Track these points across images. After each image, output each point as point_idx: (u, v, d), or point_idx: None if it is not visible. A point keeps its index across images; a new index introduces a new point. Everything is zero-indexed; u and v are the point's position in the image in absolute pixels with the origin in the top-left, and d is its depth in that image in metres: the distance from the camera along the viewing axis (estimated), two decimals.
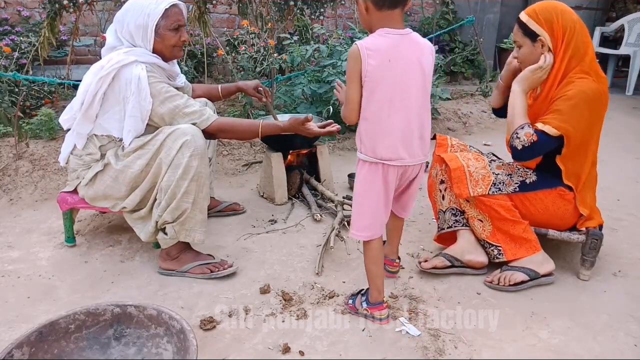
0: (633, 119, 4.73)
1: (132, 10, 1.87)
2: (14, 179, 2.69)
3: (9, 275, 1.94)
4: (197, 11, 3.81)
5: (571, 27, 1.76)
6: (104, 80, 1.82)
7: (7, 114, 3.04)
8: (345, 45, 3.87)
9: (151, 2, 1.86)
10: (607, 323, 1.71)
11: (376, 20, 1.49)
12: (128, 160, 1.87)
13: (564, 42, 1.77)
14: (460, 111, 4.52)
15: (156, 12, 1.85)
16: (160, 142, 1.82)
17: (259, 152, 3.37)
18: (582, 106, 1.73)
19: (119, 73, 1.82)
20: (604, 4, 6.39)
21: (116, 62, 1.81)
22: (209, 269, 1.94)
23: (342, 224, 2.33)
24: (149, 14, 1.85)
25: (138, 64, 1.83)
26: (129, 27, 1.87)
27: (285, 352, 1.53)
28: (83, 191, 1.98)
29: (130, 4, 1.89)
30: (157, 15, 1.85)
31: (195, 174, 1.81)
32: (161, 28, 1.88)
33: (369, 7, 1.49)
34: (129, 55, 1.83)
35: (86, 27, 4.50)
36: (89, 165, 1.96)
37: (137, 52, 1.87)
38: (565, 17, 1.77)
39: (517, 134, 1.78)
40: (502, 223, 1.90)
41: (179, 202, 1.83)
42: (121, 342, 1.44)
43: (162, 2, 1.87)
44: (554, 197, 1.89)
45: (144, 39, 1.88)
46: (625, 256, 2.17)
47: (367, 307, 1.68)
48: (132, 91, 1.81)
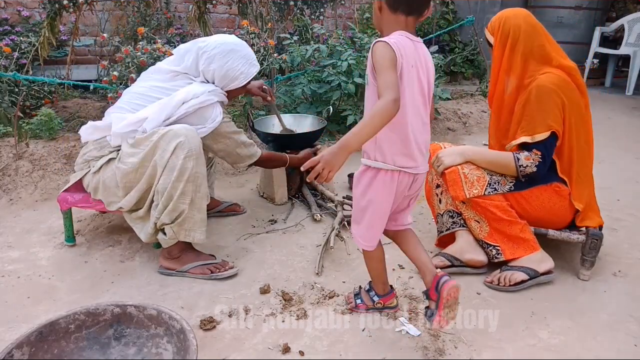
0: (633, 119, 4.73)
1: (228, 60, 1.97)
2: (14, 179, 2.69)
3: (9, 275, 1.94)
4: (197, 11, 3.81)
5: (514, 32, 1.86)
6: (187, 114, 1.90)
7: (7, 114, 3.04)
8: (346, 45, 3.88)
9: (246, 62, 2.01)
10: (607, 323, 1.71)
11: (387, 22, 1.44)
12: (123, 157, 1.88)
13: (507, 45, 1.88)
14: (460, 111, 4.52)
15: (248, 74, 2.04)
16: (154, 142, 1.81)
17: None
18: (547, 98, 1.79)
19: (200, 111, 1.93)
20: (604, 4, 6.39)
21: (201, 102, 1.92)
22: (210, 269, 1.94)
23: (342, 224, 2.33)
24: (242, 72, 2.01)
25: (218, 106, 1.98)
26: (219, 71, 1.97)
27: (285, 352, 1.53)
28: (89, 179, 1.98)
29: (227, 52, 1.97)
30: (250, 76, 2.05)
31: (191, 174, 1.81)
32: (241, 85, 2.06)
33: (383, 7, 1.43)
34: (212, 96, 1.95)
35: (86, 27, 4.50)
36: (101, 155, 1.97)
37: (218, 92, 2.00)
38: (507, 23, 1.87)
39: (521, 166, 1.84)
40: (498, 224, 1.90)
41: (175, 204, 1.82)
42: (121, 342, 1.44)
43: (254, 67, 2.06)
44: (550, 193, 1.90)
45: (224, 85, 2.02)
46: (625, 256, 2.17)
47: (380, 300, 1.69)
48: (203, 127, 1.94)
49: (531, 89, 1.81)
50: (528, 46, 1.84)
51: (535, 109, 1.80)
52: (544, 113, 1.79)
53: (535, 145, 1.81)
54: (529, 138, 1.81)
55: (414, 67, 1.40)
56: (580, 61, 5.95)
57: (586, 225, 1.94)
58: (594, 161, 1.99)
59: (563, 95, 1.80)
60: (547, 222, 1.96)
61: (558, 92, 1.79)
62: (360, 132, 1.28)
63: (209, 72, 1.98)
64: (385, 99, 1.27)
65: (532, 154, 1.82)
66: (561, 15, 6.23)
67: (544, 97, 1.79)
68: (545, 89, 1.79)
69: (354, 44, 3.95)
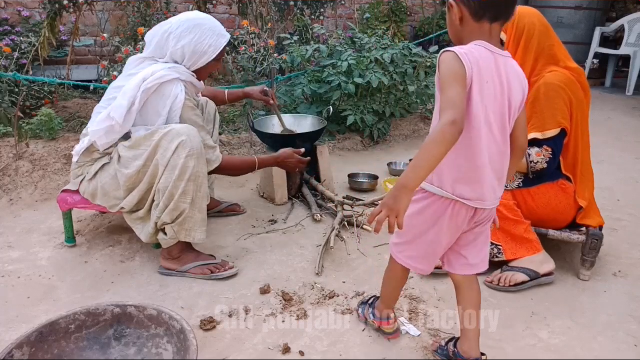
0: (633, 119, 4.73)
1: (194, 35, 1.91)
2: (14, 179, 2.69)
3: (9, 275, 1.94)
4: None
5: (529, 29, 1.85)
6: (147, 92, 1.86)
7: (7, 114, 3.04)
8: (345, 45, 3.88)
9: (214, 34, 1.94)
10: (607, 323, 1.71)
11: (469, 33, 1.23)
12: (126, 160, 1.87)
13: (521, 41, 1.87)
14: None
15: (218, 45, 1.96)
16: (155, 142, 1.81)
17: (259, 152, 3.37)
18: (555, 95, 1.81)
19: (160, 88, 1.87)
20: (604, 4, 6.38)
21: (159, 77, 1.86)
22: (210, 269, 1.94)
23: (342, 224, 2.33)
24: (211, 44, 1.94)
25: (179, 83, 1.90)
26: (184, 48, 1.92)
27: (285, 352, 1.53)
28: (84, 186, 1.98)
29: (192, 27, 1.92)
30: (220, 48, 1.97)
31: (192, 174, 1.82)
32: (212, 58, 1.98)
33: (465, 16, 1.21)
34: (172, 72, 1.89)
35: (86, 27, 4.50)
36: (96, 159, 1.97)
37: (180, 69, 1.93)
38: (522, 20, 1.86)
39: (532, 162, 1.85)
40: (504, 222, 1.91)
41: (176, 203, 1.82)
42: (121, 342, 1.43)
43: (223, 37, 1.98)
44: (556, 190, 1.91)
45: (194, 63, 1.96)
46: (625, 256, 2.17)
47: (375, 321, 1.61)
48: (166, 109, 1.88)
49: (539, 86, 1.83)
50: (541, 45, 1.85)
51: (544, 105, 1.82)
52: (553, 110, 1.81)
53: (546, 141, 1.83)
54: (540, 134, 1.83)
55: (491, 83, 1.18)
56: (580, 61, 5.95)
57: (587, 224, 1.95)
58: (594, 161, 2.01)
59: (570, 93, 1.82)
60: (550, 220, 1.96)
61: (565, 90, 1.82)
62: (418, 164, 1.09)
63: (177, 51, 1.92)
64: (442, 122, 1.09)
65: (543, 150, 1.84)
66: (561, 15, 6.23)
67: (552, 93, 1.81)
68: (554, 86, 1.81)
69: (354, 44, 3.95)
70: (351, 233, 2.31)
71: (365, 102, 3.67)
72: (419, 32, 6.15)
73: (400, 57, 3.62)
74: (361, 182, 2.94)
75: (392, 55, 3.55)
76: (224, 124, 3.66)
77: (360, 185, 2.92)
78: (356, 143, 3.74)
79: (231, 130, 3.59)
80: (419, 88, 3.81)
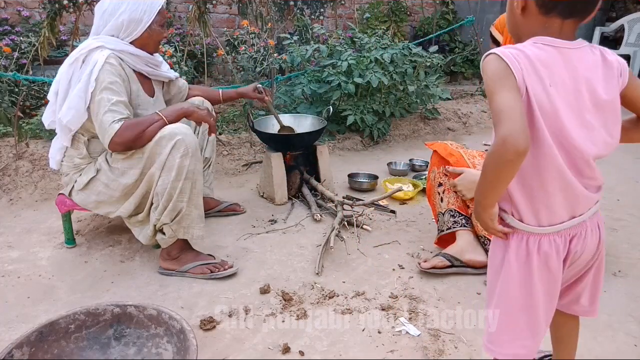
0: None
1: (127, 5, 1.88)
2: (14, 179, 2.69)
3: (9, 275, 1.94)
4: (197, 11, 3.81)
5: None
6: (75, 66, 1.84)
7: (7, 114, 3.04)
8: (345, 45, 3.88)
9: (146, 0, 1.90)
10: (607, 323, 1.71)
11: (530, 27, 1.01)
12: (120, 170, 1.86)
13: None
14: (460, 111, 4.52)
15: (153, 9, 1.91)
16: (150, 148, 1.80)
17: (259, 152, 3.37)
18: None
19: (87, 58, 1.84)
20: (604, 3, 6.39)
21: (83, 47, 1.84)
22: (209, 269, 1.94)
23: (342, 224, 2.33)
24: (145, 10, 1.90)
25: (104, 49, 1.84)
26: (117, 20, 1.88)
27: (285, 352, 1.53)
28: (77, 197, 1.98)
29: None
30: (154, 12, 1.92)
31: (188, 172, 1.82)
32: (154, 24, 1.93)
33: (530, 7, 1.00)
34: (95, 42, 1.85)
35: (86, 27, 4.50)
36: (80, 167, 1.96)
37: (107, 39, 1.88)
38: None
39: None
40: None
41: (175, 203, 1.83)
42: (121, 342, 1.44)
43: (156, 1, 1.93)
44: None
45: (131, 32, 1.91)
46: (625, 256, 2.17)
47: None
48: (85, 73, 1.81)
49: None
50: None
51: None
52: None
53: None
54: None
55: (555, 87, 0.95)
56: None
57: None
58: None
59: None
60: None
61: None
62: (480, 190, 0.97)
63: (116, 25, 1.88)
64: (495, 140, 0.91)
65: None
66: None
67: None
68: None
69: (354, 44, 3.96)
70: (351, 233, 2.31)
71: (365, 102, 3.67)
72: (419, 32, 6.15)
73: (400, 57, 3.62)
74: (361, 182, 2.94)
75: (392, 55, 3.55)
76: (224, 124, 3.66)
77: (360, 186, 2.92)
78: (356, 143, 3.74)
79: (231, 130, 3.59)
80: (419, 88, 3.81)
